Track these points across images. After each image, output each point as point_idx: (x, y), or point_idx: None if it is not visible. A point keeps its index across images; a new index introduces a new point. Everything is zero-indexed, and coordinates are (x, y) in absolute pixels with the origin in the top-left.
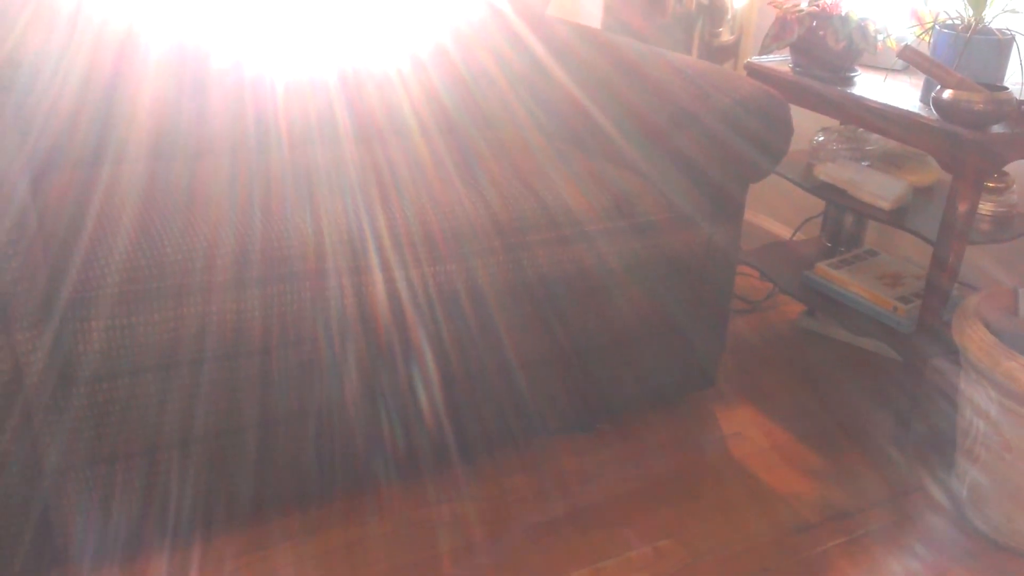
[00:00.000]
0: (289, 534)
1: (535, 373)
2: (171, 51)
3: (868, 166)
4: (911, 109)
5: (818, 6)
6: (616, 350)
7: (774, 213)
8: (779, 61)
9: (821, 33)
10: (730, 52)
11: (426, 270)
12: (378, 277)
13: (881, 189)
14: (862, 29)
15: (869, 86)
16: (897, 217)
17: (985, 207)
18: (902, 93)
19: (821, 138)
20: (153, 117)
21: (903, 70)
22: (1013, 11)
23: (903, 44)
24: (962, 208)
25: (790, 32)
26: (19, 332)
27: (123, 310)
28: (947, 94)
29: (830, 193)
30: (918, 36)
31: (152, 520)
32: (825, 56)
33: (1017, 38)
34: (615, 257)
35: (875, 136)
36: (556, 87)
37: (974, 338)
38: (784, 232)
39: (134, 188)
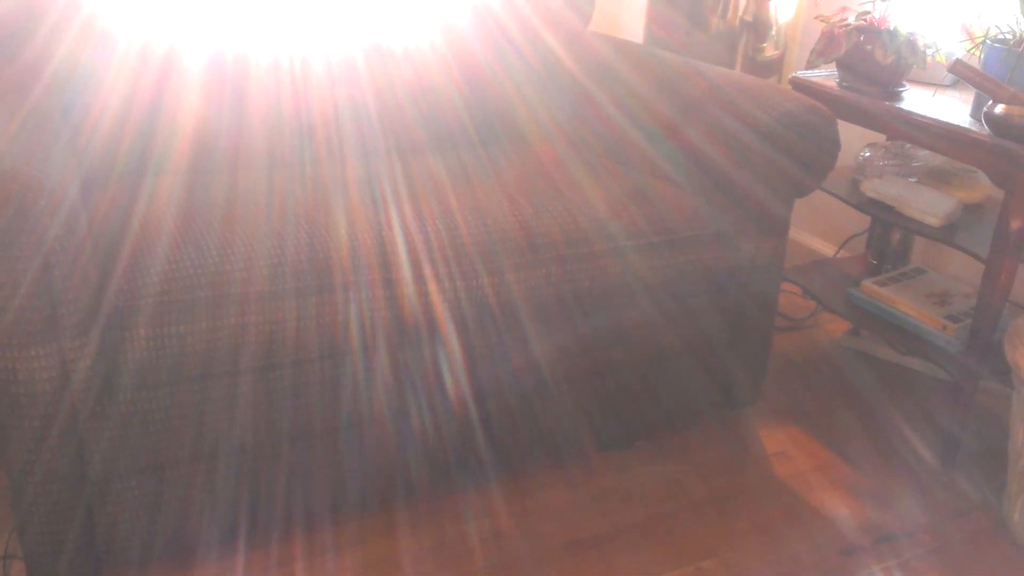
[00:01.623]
0: (326, 547)
1: (573, 388)
2: (210, 66)
3: (916, 182)
4: (962, 124)
5: (866, 20)
6: (657, 366)
7: (817, 230)
8: (825, 76)
9: (869, 47)
10: (774, 67)
11: (459, 283)
12: (412, 290)
13: (930, 205)
14: (911, 44)
15: (918, 101)
16: (947, 234)
17: None
18: (952, 108)
19: (867, 154)
20: (193, 131)
21: (952, 85)
22: None
23: (953, 58)
24: (1015, 225)
25: (837, 46)
26: (67, 339)
27: (167, 319)
28: (999, 109)
29: (877, 210)
30: (968, 51)
31: (193, 529)
32: (873, 71)
33: None
34: (654, 273)
35: (922, 152)
36: (595, 102)
37: None
38: (827, 249)
39: (175, 200)
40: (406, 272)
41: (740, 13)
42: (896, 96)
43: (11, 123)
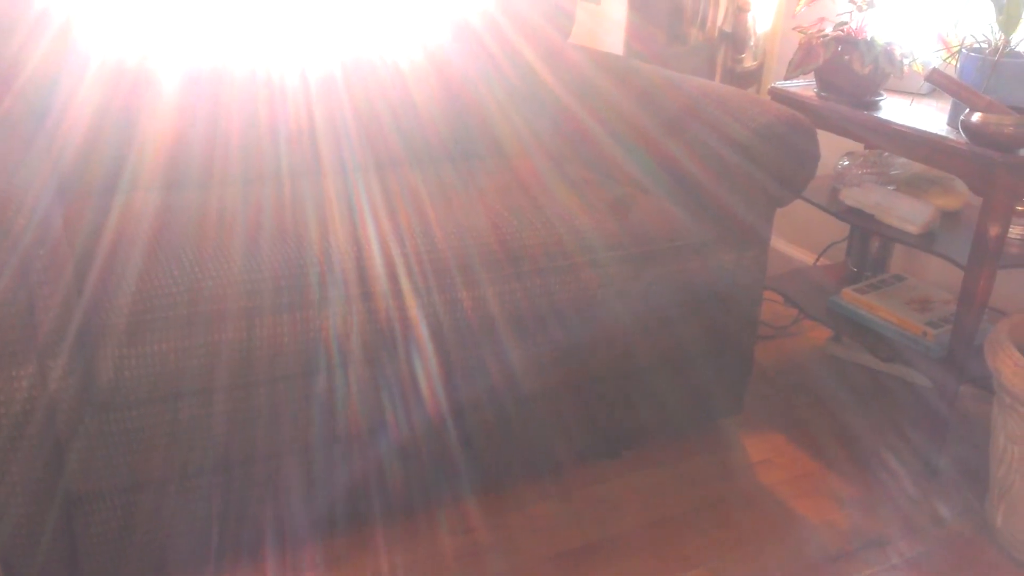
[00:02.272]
0: (303, 565)
1: (554, 400)
2: (186, 79)
3: (894, 190)
4: (939, 133)
5: (843, 31)
6: (639, 377)
7: (796, 239)
8: (803, 86)
9: (847, 58)
10: (753, 78)
11: (437, 297)
12: (391, 304)
13: (909, 213)
14: (888, 54)
15: (896, 110)
16: (926, 241)
17: (1014, 231)
18: (929, 117)
19: (846, 163)
20: (168, 145)
21: (928, 94)
22: None
23: (930, 68)
24: (993, 232)
25: (815, 57)
26: (45, 358)
27: (140, 338)
28: (977, 117)
29: (857, 218)
30: (945, 60)
31: (170, 548)
32: (851, 81)
33: None
34: (635, 285)
35: (900, 160)
36: (575, 115)
37: (1008, 363)
38: (807, 257)
39: (149, 216)
40: (384, 286)
41: (719, 25)
42: (874, 105)
43: None
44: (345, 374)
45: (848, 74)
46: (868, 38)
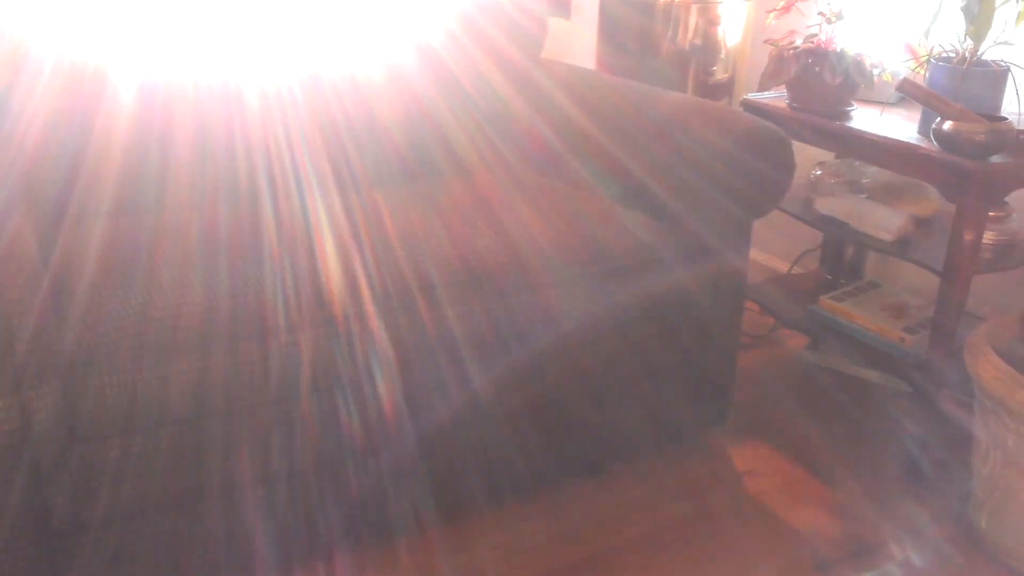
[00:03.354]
0: None
1: (540, 417)
2: (137, 99)
3: (866, 198)
4: (911, 141)
5: (813, 43)
6: (624, 391)
7: (769, 247)
8: (775, 97)
9: (817, 69)
10: (725, 90)
11: (401, 320)
12: (353, 328)
13: (883, 221)
14: (858, 64)
15: (867, 120)
16: (900, 248)
17: (987, 236)
18: (900, 126)
19: (819, 172)
20: (117, 169)
21: (897, 103)
22: (1007, 43)
23: (900, 77)
24: (967, 238)
25: (787, 69)
26: (29, 389)
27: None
28: (948, 125)
29: (832, 226)
30: (913, 69)
31: None
32: (822, 91)
33: (1012, 69)
34: (612, 299)
35: (872, 169)
36: (541, 130)
37: (987, 367)
38: (781, 266)
39: (96, 245)
40: (345, 311)
41: (689, 38)
42: (845, 115)
43: None
44: (311, 402)
45: (819, 85)
46: (838, 49)
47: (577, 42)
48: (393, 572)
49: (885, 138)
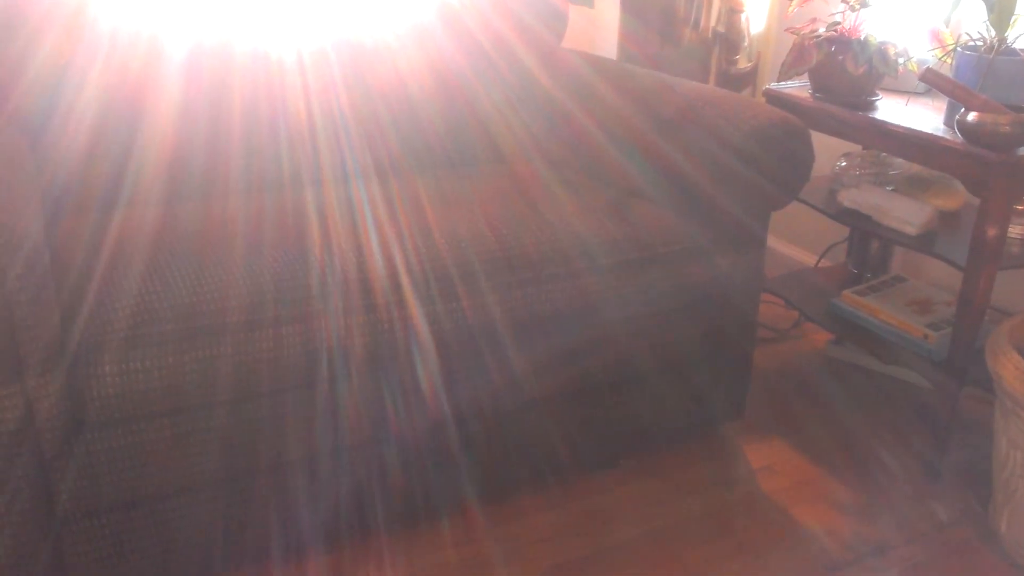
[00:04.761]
0: None
1: (552, 409)
2: (186, 87)
3: (893, 191)
4: (935, 132)
5: (836, 31)
6: (637, 384)
7: (797, 239)
8: (798, 87)
9: (840, 58)
10: (748, 80)
11: (440, 307)
12: (394, 314)
13: (907, 214)
14: (882, 53)
15: (891, 110)
16: (924, 243)
17: (1014, 230)
18: (925, 117)
19: (843, 163)
20: (168, 158)
21: (925, 93)
22: None
23: (924, 67)
24: (991, 232)
25: (808, 58)
26: (31, 378)
27: (135, 354)
28: (972, 117)
29: (855, 219)
30: (939, 59)
31: (165, 565)
32: (845, 81)
33: None
34: (632, 290)
35: (899, 160)
36: (570, 119)
37: (1008, 366)
38: (808, 259)
39: (147, 231)
40: (387, 297)
41: (712, 26)
42: (869, 105)
43: None
44: (347, 386)
45: (842, 75)
46: (862, 38)
47: (599, 30)
48: (405, 561)
49: (908, 129)
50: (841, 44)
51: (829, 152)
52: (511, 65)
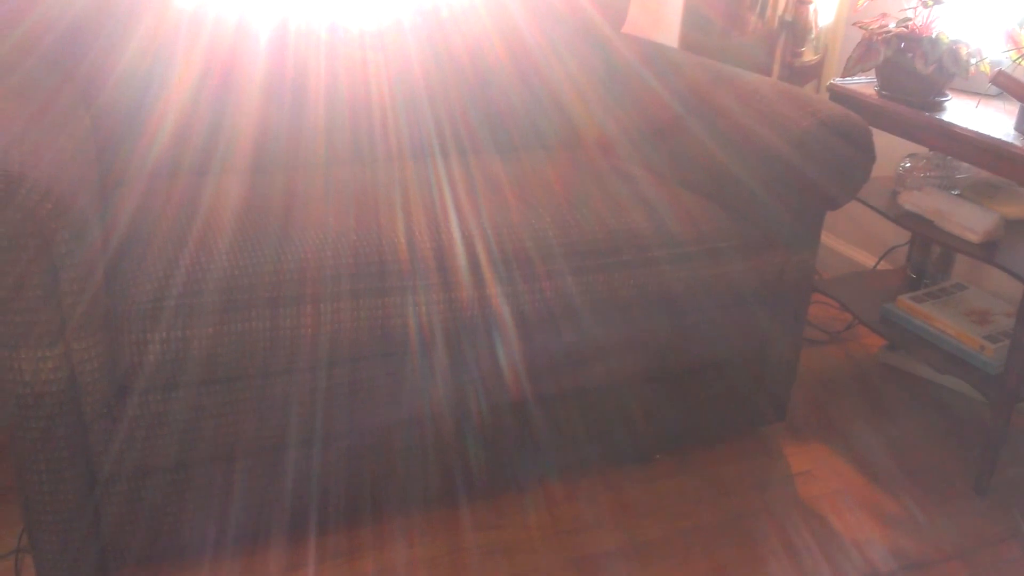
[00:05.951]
0: (339, 552)
1: (589, 401)
2: (270, 67)
3: (958, 195)
4: (1004, 138)
5: (907, 27)
6: (679, 379)
7: (857, 240)
8: (864, 84)
9: (910, 55)
10: (813, 73)
11: (489, 291)
12: (471, 293)
13: (970, 221)
14: (953, 53)
15: (960, 112)
16: (987, 251)
17: None
18: (995, 121)
19: (908, 164)
20: (254, 130)
21: (997, 96)
22: None
23: (997, 69)
24: None
25: (875, 54)
26: (75, 340)
27: (181, 322)
28: None
29: (915, 223)
30: (1014, 61)
31: (200, 532)
32: (913, 80)
33: None
34: (685, 284)
35: (966, 164)
36: (629, 110)
37: None
38: (867, 260)
39: (231, 199)
40: (465, 276)
41: (779, 14)
42: (937, 106)
43: (29, 122)
44: (425, 359)
45: (910, 73)
46: (933, 36)
47: (662, 16)
48: (426, 544)
49: (976, 133)
50: (911, 41)
51: (893, 152)
52: (575, 50)
